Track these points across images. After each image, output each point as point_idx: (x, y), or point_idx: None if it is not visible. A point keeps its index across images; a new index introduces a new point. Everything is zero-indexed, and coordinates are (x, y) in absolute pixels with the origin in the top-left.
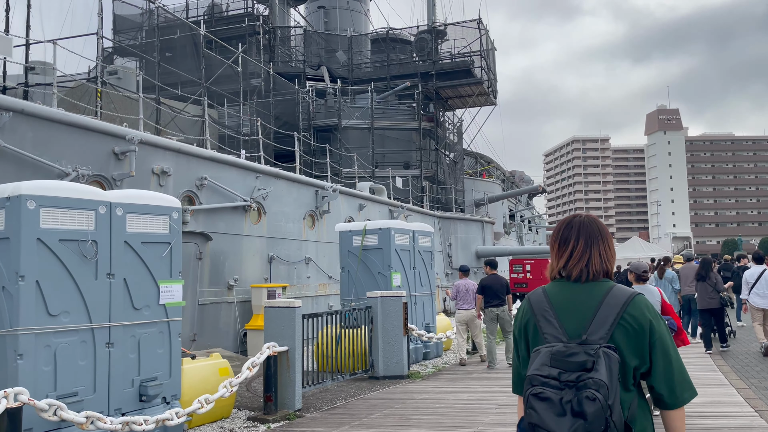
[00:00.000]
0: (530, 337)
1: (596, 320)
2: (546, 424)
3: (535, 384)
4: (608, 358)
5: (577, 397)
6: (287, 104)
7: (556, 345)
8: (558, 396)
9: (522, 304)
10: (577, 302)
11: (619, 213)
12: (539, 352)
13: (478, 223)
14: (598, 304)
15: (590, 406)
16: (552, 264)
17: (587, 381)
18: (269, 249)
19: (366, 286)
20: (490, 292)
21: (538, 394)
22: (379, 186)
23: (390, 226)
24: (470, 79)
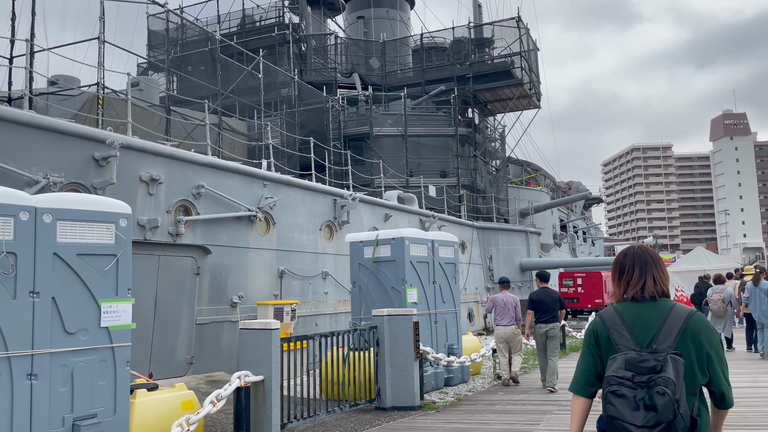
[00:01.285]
0: (602, 347)
1: (663, 332)
2: (623, 416)
3: (612, 384)
4: (675, 362)
5: (648, 394)
6: (315, 113)
7: (630, 353)
8: (632, 394)
9: (594, 318)
10: (644, 318)
11: (684, 224)
12: (615, 359)
13: (522, 234)
14: (664, 319)
15: (660, 400)
16: (615, 291)
17: (657, 380)
18: (279, 263)
19: (378, 303)
20: (541, 308)
21: (615, 392)
22: (409, 195)
23: (404, 235)
24: (509, 81)
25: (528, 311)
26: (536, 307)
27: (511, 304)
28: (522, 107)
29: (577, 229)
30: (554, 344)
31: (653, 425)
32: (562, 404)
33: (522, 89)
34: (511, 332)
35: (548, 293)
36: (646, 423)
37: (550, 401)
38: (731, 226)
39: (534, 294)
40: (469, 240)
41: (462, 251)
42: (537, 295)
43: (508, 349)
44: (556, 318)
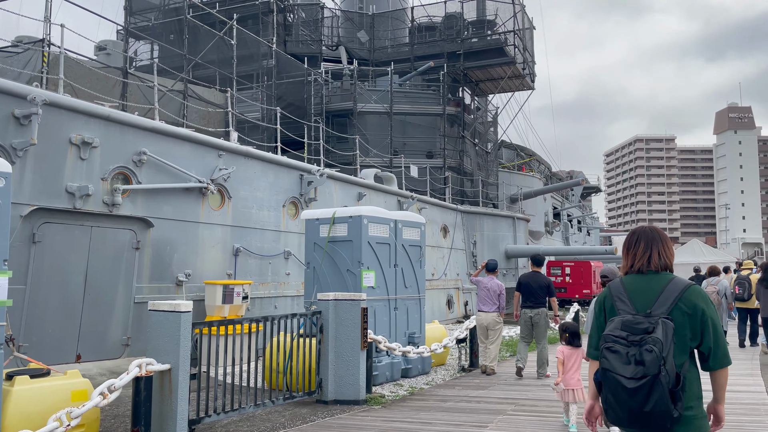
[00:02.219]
0: (607, 312)
1: (659, 301)
2: (615, 368)
3: (608, 341)
4: (665, 325)
5: (639, 351)
6: (295, 86)
7: (627, 316)
8: (625, 350)
9: (602, 291)
10: (644, 288)
11: (684, 216)
12: (613, 321)
13: (509, 220)
14: (662, 289)
15: (648, 356)
16: (624, 263)
17: (647, 339)
18: (235, 240)
19: (332, 286)
20: (526, 292)
21: (610, 348)
22: (387, 174)
23: (362, 213)
24: (502, 59)
25: (515, 293)
26: (522, 291)
27: (495, 290)
28: (515, 88)
29: (571, 217)
30: (540, 332)
31: (640, 377)
32: (519, 404)
33: (515, 68)
34: (491, 319)
35: (537, 278)
36: (634, 375)
37: (508, 400)
38: (731, 221)
39: (522, 277)
40: (452, 224)
41: (444, 235)
42: (525, 278)
43: (486, 335)
44: (543, 304)
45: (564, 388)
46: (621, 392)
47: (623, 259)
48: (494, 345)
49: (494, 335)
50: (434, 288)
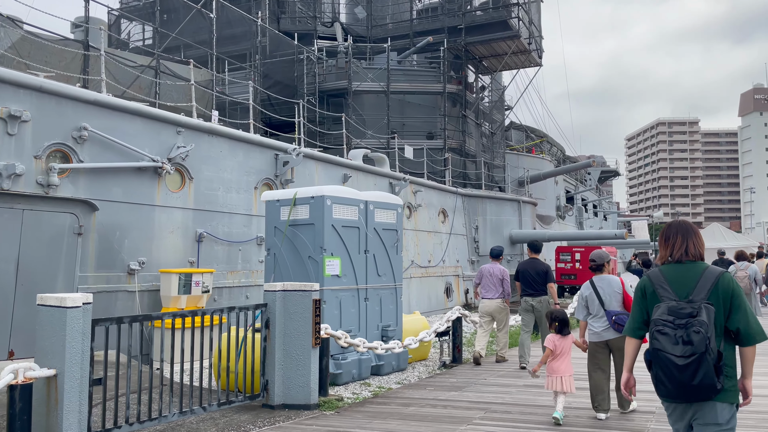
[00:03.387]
0: (649, 298)
1: (698, 288)
2: (666, 348)
3: (658, 325)
4: (707, 309)
5: (686, 332)
6: (284, 65)
7: (671, 302)
8: (673, 333)
9: (642, 278)
10: (683, 276)
11: (708, 201)
12: (659, 307)
13: (514, 203)
14: (699, 277)
15: (696, 337)
16: (662, 254)
17: (693, 322)
18: (198, 224)
19: (293, 275)
20: (525, 279)
21: (660, 330)
22: (379, 155)
23: (324, 193)
24: (506, 33)
25: (516, 282)
26: (520, 279)
27: (498, 276)
28: (521, 64)
29: (586, 201)
30: (542, 318)
31: (689, 355)
32: (491, 410)
33: (519, 42)
34: (496, 306)
35: (534, 264)
36: (683, 354)
37: (479, 404)
38: (756, 205)
39: (520, 264)
40: (451, 208)
41: (442, 220)
42: (522, 266)
43: (492, 325)
44: (544, 291)
45: (548, 375)
46: (672, 369)
47: (660, 249)
48: (503, 332)
49: (501, 322)
50: (431, 276)
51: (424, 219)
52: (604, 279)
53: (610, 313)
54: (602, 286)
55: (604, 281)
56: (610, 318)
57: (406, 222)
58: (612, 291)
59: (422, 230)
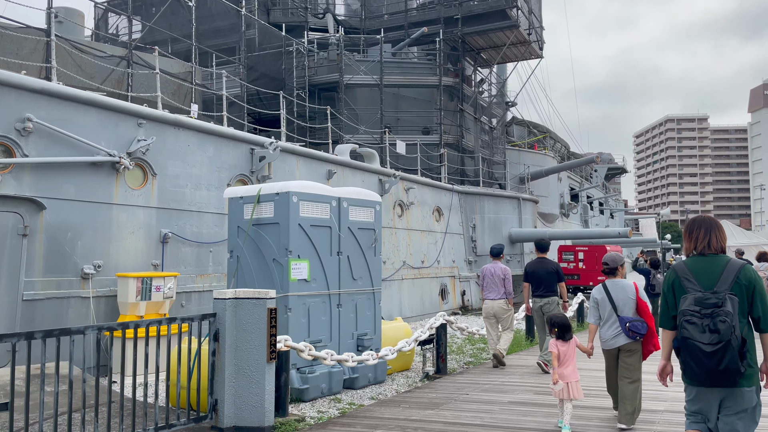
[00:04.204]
0: (676, 291)
1: (721, 279)
2: (693, 336)
3: (686, 315)
4: (732, 300)
5: (713, 321)
6: (271, 58)
7: (697, 293)
8: (700, 322)
9: (669, 271)
10: (707, 268)
11: (717, 198)
12: (686, 298)
13: (514, 201)
14: (722, 270)
15: (722, 326)
16: (686, 246)
17: (719, 312)
18: (162, 224)
19: (257, 280)
20: (535, 280)
21: (688, 320)
22: (368, 150)
23: (290, 189)
24: (502, 23)
25: (524, 283)
26: (530, 280)
27: (499, 276)
28: (521, 56)
29: (591, 199)
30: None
31: (716, 343)
32: None
33: (518, 33)
34: (499, 307)
35: (544, 264)
36: (711, 341)
37: (454, 427)
38: (767, 202)
39: (529, 265)
40: (446, 206)
41: (437, 218)
42: (531, 266)
43: (496, 324)
44: (554, 291)
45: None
46: (700, 355)
47: (685, 242)
48: (506, 332)
49: (506, 323)
50: (424, 277)
51: (417, 217)
52: (618, 284)
53: (623, 320)
54: (615, 291)
55: (618, 286)
56: (624, 324)
57: (397, 221)
58: (626, 297)
59: (415, 229)
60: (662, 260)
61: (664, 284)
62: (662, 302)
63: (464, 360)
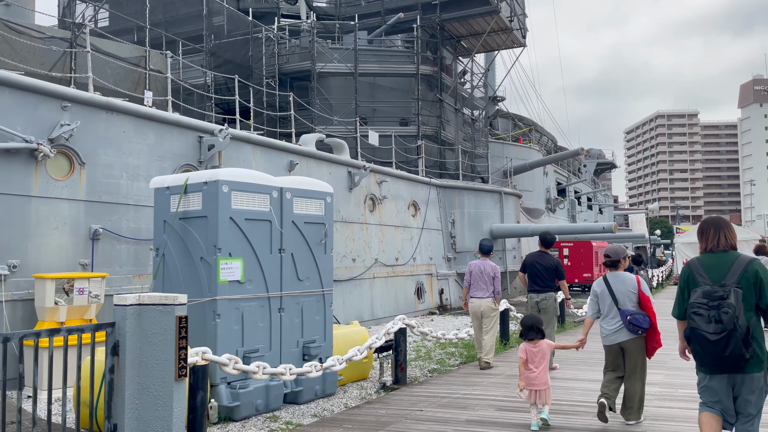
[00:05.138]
0: (690, 284)
1: (730, 273)
2: (700, 327)
3: (694, 307)
4: (736, 292)
5: (717, 313)
6: (237, 45)
7: (706, 287)
8: (707, 313)
9: (684, 267)
10: (717, 264)
11: (708, 194)
12: (696, 291)
13: (495, 195)
14: (731, 265)
15: (725, 317)
16: (701, 246)
17: (723, 304)
18: (92, 219)
19: (184, 281)
20: (532, 273)
21: (696, 312)
22: (337, 141)
23: (220, 177)
24: (482, 8)
25: (520, 273)
26: (527, 273)
27: (489, 273)
28: (503, 44)
29: (579, 194)
30: (548, 317)
31: (720, 332)
32: None
33: (499, 19)
34: (487, 306)
35: (544, 258)
36: (715, 330)
37: None
38: (757, 197)
39: (529, 257)
40: (423, 200)
41: (413, 213)
42: (531, 259)
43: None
44: (552, 287)
45: (529, 390)
46: (706, 343)
47: (699, 242)
48: (489, 335)
49: (489, 323)
50: (399, 275)
51: (391, 212)
52: (619, 276)
53: (624, 313)
54: (616, 284)
55: (619, 278)
56: (624, 318)
57: (368, 216)
58: (626, 290)
59: (388, 225)
60: (652, 256)
61: (680, 279)
62: (678, 295)
63: (430, 366)
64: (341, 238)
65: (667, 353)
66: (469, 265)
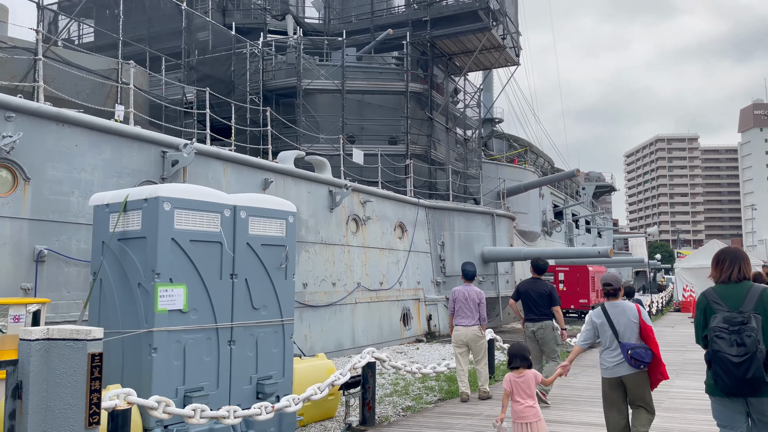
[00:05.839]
0: (707, 312)
1: (746, 301)
2: (723, 349)
3: (716, 331)
4: (756, 318)
5: (739, 337)
6: (220, 61)
7: (725, 313)
8: (729, 337)
9: (700, 295)
10: (733, 293)
11: (709, 219)
12: (716, 317)
13: (487, 217)
14: (746, 293)
15: (748, 340)
16: (714, 275)
17: (745, 328)
18: (37, 239)
19: (121, 310)
20: (526, 302)
21: (718, 335)
22: (318, 158)
23: (161, 193)
24: (473, 25)
25: (511, 300)
26: (522, 301)
27: (474, 299)
28: (495, 63)
29: (577, 217)
30: (549, 347)
31: (743, 354)
32: None
33: (491, 36)
34: (473, 334)
35: (537, 285)
36: (738, 353)
37: None
38: (758, 222)
39: (521, 284)
40: (411, 221)
41: (401, 235)
42: (523, 286)
43: (469, 356)
44: (548, 315)
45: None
46: (729, 366)
47: (713, 271)
48: (482, 365)
49: (479, 352)
50: (383, 300)
51: (376, 234)
52: (618, 306)
53: (625, 346)
54: (616, 315)
55: (618, 308)
56: (626, 352)
57: (350, 237)
58: (627, 320)
59: (372, 247)
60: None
61: (697, 308)
62: (696, 324)
63: (404, 403)
64: (321, 260)
65: (664, 391)
66: (453, 291)
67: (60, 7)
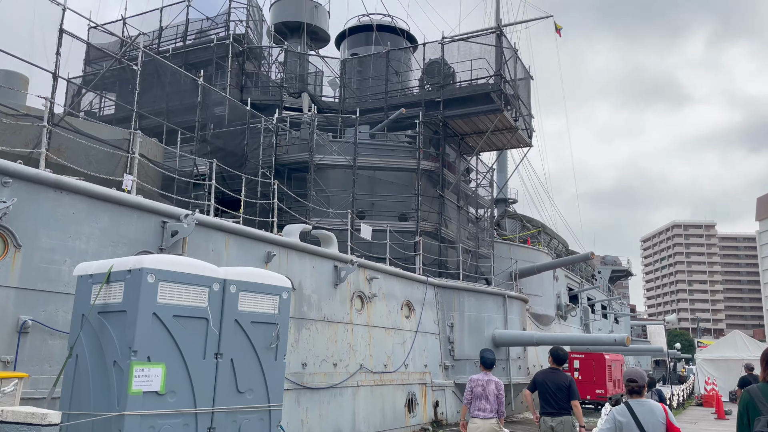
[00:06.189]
0: (750, 412)
1: None
2: None
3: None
4: None
5: None
6: (234, 134)
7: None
8: None
9: (743, 394)
10: None
11: (729, 308)
12: (760, 420)
13: (498, 298)
14: None
15: None
16: (762, 375)
17: None
18: (23, 309)
19: (94, 390)
20: (544, 393)
21: None
22: (324, 232)
23: (145, 264)
24: (486, 106)
25: (526, 391)
26: (539, 393)
27: (493, 391)
28: (508, 144)
29: (593, 301)
30: None
31: None
32: None
33: (503, 117)
34: (491, 428)
35: (556, 376)
36: None
37: None
38: None
39: (538, 375)
40: (419, 300)
41: (408, 314)
42: (541, 376)
43: None
44: (567, 410)
45: None
46: None
47: (762, 371)
48: None
49: None
50: (387, 384)
51: (382, 312)
52: (645, 404)
53: None
54: (643, 414)
55: (645, 407)
56: None
57: (355, 315)
58: (655, 421)
59: (377, 326)
60: (672, 371)
61: (740, 405)
62: (738, 421)
63: None
64: (322, 339)
65: None
66: (470, 380)
67: (84, 81)
